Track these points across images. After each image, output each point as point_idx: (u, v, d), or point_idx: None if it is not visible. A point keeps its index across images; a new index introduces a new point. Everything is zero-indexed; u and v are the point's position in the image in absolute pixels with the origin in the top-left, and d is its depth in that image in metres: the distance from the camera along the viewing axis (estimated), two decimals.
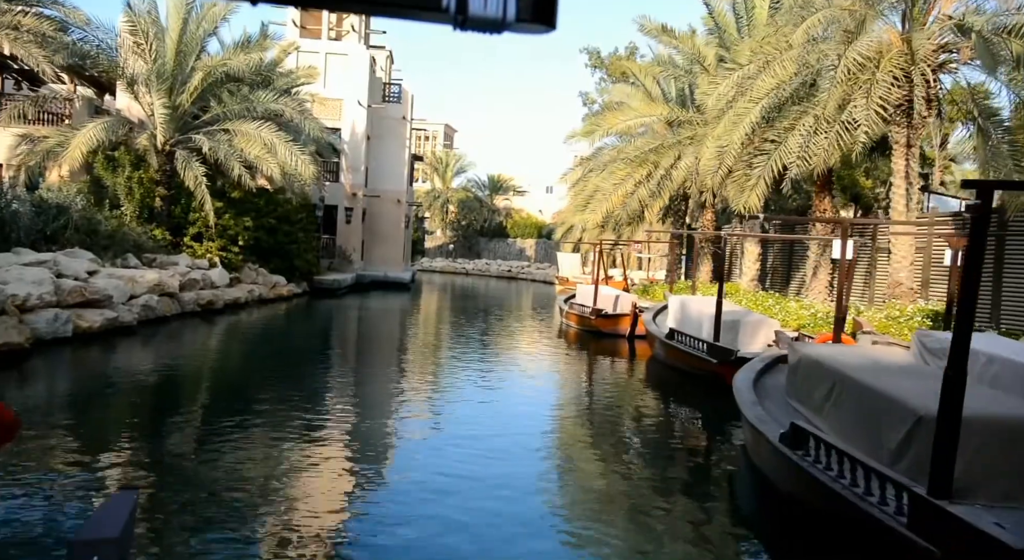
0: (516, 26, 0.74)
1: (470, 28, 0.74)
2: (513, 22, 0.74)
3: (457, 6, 0.72)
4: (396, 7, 0.74)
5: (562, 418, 10.54)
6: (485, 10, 0.72)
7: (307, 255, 28.11)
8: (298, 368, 13.14)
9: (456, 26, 0.73)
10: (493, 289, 46.12)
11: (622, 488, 7.25)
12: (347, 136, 33.93)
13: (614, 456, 8.46)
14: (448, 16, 0.72)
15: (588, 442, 9.11)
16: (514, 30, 0.75)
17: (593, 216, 19.99)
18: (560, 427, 10.00)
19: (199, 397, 10.62)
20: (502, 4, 0.73)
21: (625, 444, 9.28)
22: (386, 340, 18.82)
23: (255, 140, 21.19)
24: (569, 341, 19.87)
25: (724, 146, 14.70)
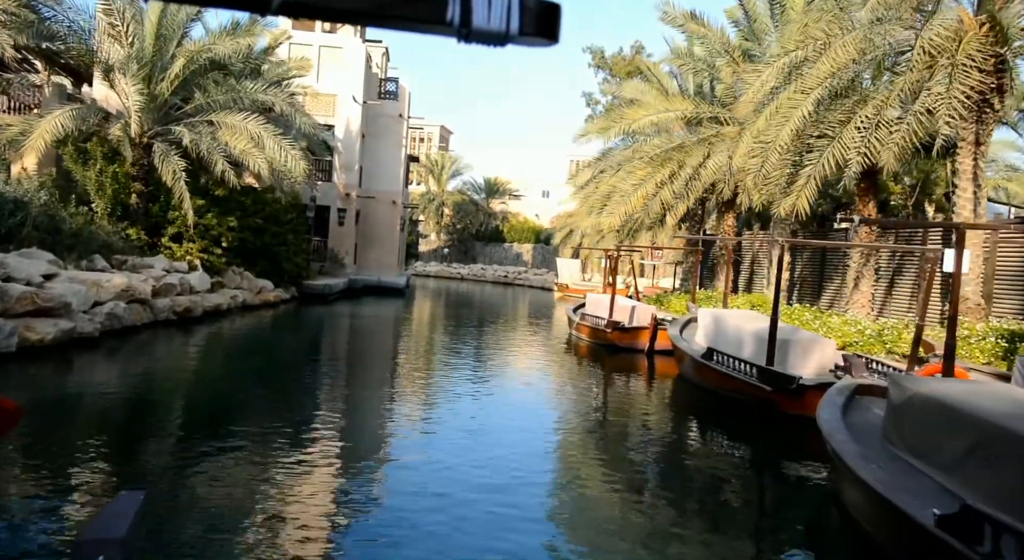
0: (519, 39, 0.75)
1: (474, 41, 0.75)
2: (516, 35, 0.74)
3: (461, 20, 0.72)
4: (401, 20, 0.73)
5: (583, 450, 8.88)
6: (489, 24, 0.72)
7: (296, 258, 26.38)
8: (282, 389, 11.43)
9: (460, 39, 0.74)
10: (490, 295, 44.50)
11: (676, 552, 5.59)
12: (341, 133, 32.25)
13: (655, 504, 6.80)
14: (452, 29, 0.72)
15: (618, 482, 7.45)
16: (517, 43, 0.76)
17: (611, 219, 18.38)
18: (581, 462, 8.34)
19: (162, 423, 8.90)
20: (505, 18, 0.73)
21: (665, 486, 7.62)
22: (380, 355, 17.11)
23: (241, 133, 19.47)
24: (580, 355, 18.22)
25: (767, 142, 13.08)
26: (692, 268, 24.66)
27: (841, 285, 17.36)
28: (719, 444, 9.99)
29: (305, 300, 25.92)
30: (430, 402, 11.15)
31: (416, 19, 0.72)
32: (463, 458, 7.86)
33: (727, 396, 11.47)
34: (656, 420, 11.34)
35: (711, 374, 11.74)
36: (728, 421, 10.88)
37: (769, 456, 9.18)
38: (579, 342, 19.42)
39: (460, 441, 8.68)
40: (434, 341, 19.69)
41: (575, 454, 8.78)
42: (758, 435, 10.12)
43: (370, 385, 12.73)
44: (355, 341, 19.19)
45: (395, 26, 0.74)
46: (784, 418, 10.00)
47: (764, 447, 9.53)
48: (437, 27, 0.73)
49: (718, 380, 11.59)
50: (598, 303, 19.92)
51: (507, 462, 7.81)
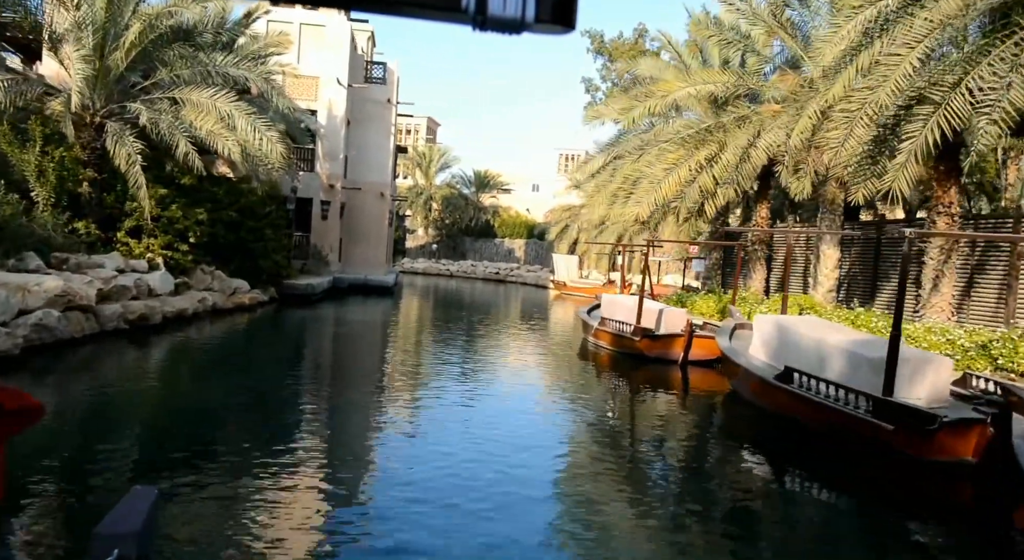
0: (535, 27, 0.74)
1: (489, 29, 0.73)
2: (532, 23, 0.73)
3: (476, 7, 0.71)
4: (415, 7, 0.72)
5: (633, 504, 6.49)
6: (504, 11, 0.71)
7: (276, 255, 23.80)
8: (255, 422, 8.95)
9: (475, 27, 0.72)
10: (482, 294, 42.08)
11: None
12: (324, 119, 29.64)
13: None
14: (467, 17, 0.71)
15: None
16: (533, 31, 0.74)
17: (638, 209, 16.01)
18: (633, 524, 5.94)
19: (96, 470, 6.40)
20: (521, 5, 0.72)
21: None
22: (371, 372, 14.62)
23: (208, 112, 16.89)
24: (600, 366, 15.85)
25: (851, 111, 10.69)
26: (715, 265, 22.34)
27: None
28: (827, 503, 7.62)
29: (285, 301, 23.36)
30: (433, 434, 8.71)
31: (431, 6, 0.71)
32: (471, 527, 5.45)
33: (806, 425, 9.13)
34: (724, 458, 8.96)
35: (789, 400, 9.38)
36: (823, 464, 8.53)
37: (918, 528, 6.83)
38: (597, 350, 17.03)
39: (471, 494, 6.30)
40: (431, 352, 17.24)
41: (621, 508, 6.39)
42: (879, 487, 7.77)
43: (360, 410, 10.28)
44: (342, 353, 16.69)
45: (410, 14, 0.72)
46: (902, 462, 7.66)
47: (901, 509, 7.18)
48: (452, 14, 0.71)
49: (800, 408, 9.23)
50: (617, 305, 17.55)
51: (534, 522, 5.43)
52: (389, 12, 0.73)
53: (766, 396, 10.19)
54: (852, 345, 9.33)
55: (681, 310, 16.38)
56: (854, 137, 10.85)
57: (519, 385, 13.20)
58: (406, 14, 0.73)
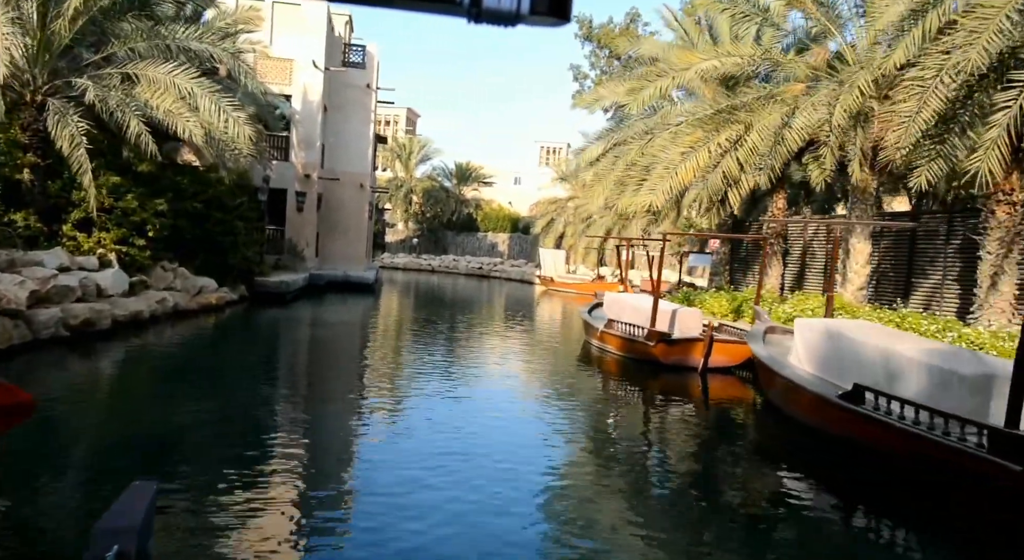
0: (530, 19, 0.73)
1: (484, 21, 0.72)
2: (527, 15, 0.72)
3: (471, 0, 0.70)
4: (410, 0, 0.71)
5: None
6: (499, 3, 0.70)
7: (246, 250, 21.93)
8: (207, 454, 7.19)
9: (470, 19, 0.72)
10: (466, 290, 40.38)
11: None
12: (299, 105, 27.69)
13: None
14: (463, 9, 0.70)
15: None
16: (528, 23, 0.74)
17: (651, 197, 14.33)
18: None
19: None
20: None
21: None
22: (349, 383, 12.86)
23: (167, 89, 15.00)
24: (608, 374, 14.25)
25: (929, 78, 9.04)
26: (723, 261, 20.79)
27: (941, 282, 13.64)
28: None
29: (257, 301, 21.49)
30: (420, 462, 7.03)
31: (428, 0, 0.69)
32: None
33: (887, 455, 7.57)
34: (784, 492, 7.36)
35: (857, 423, 7.78)
36: (922, 508, 6.95)
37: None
38: (603, 355, 15.41)
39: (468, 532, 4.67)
40: (418, 360, 15.51)
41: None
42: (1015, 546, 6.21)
43: (340, 436, 8.55)
44: (318, 363, 14.90)
45: (405, 6, 0.71)
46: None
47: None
48: (447, 7, 0.70)
49: (873, 433, 7.65)
50: (623, 305, 15.94)
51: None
52: (386, 5, 0.71)
53: (823, 415, 8.60)
54: (936, 358, 7.76)
55: (695, 311, 14.80)
56: (928, 109, 9.26)
57: (518, 398, 11.53)
58: (403, 7, 0.71)
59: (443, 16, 0.73)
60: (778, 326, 12.61)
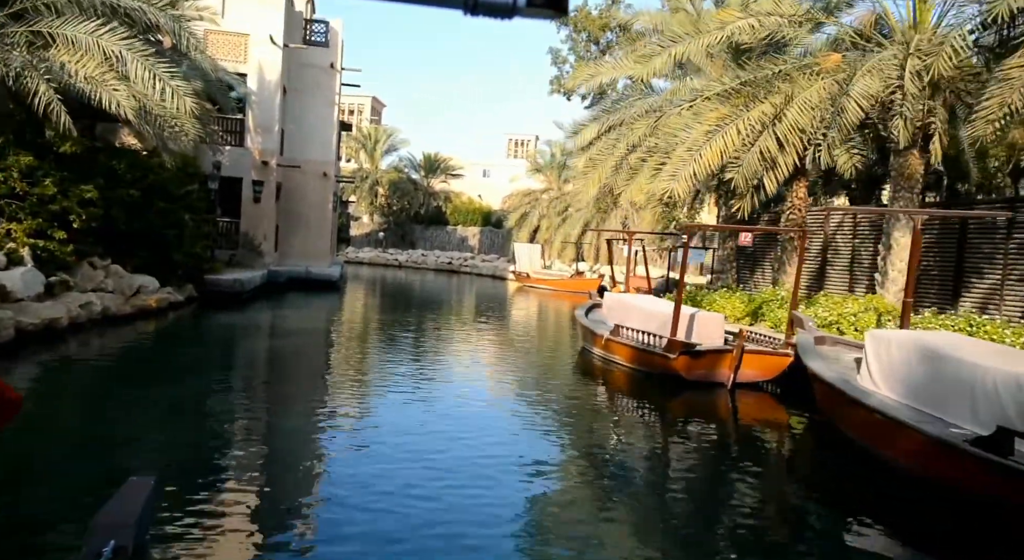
0: (527, 11, 0.72)
1: (481, 14, 0.72)
2: (524, 7, 0.71)
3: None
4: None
5: None
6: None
7: (195, 245, 19.42)
8: None
9: (467, 12, 0.71)
10: (436, 287, 38.15)
11: None
12: (255, 85, 25.11)
13: None
14: (460, 2, 0.69)
15: None
16: (524, 16, 0.73)
17: (671, 185, 12.21)
18: None
19: None
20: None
21: None
22: (313, 416, 10.58)
23: (89, 52, 12.49)
24: (614, 389, 12.23)
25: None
26: (729, 257, 18.86)
27: (1001, 282, 11.83)
28: None
29: (208, 302, 19.00)
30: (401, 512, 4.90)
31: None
32: None
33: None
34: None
35: (1013, 486, 5.78)
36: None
37: None
38: (608, 367, 13.35)
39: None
40: (393, 375, 13.27)
41: None
42: None
43: (304, 493, 6.35)
44: (276, 384, 12.56)
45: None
46: None
47: None
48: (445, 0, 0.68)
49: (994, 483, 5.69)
50: (629, 308, 13.90)
51: None
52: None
53: (944, 466, 6.58)
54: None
55: (717, 315, 12.82)
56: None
57: (514, 427, 9.39)
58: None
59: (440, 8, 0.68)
60: (827, 336, 10.67)
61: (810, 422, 10.33)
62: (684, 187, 12.48)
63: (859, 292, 14.83)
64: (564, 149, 47.75)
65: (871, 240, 15.06)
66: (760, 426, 10.47)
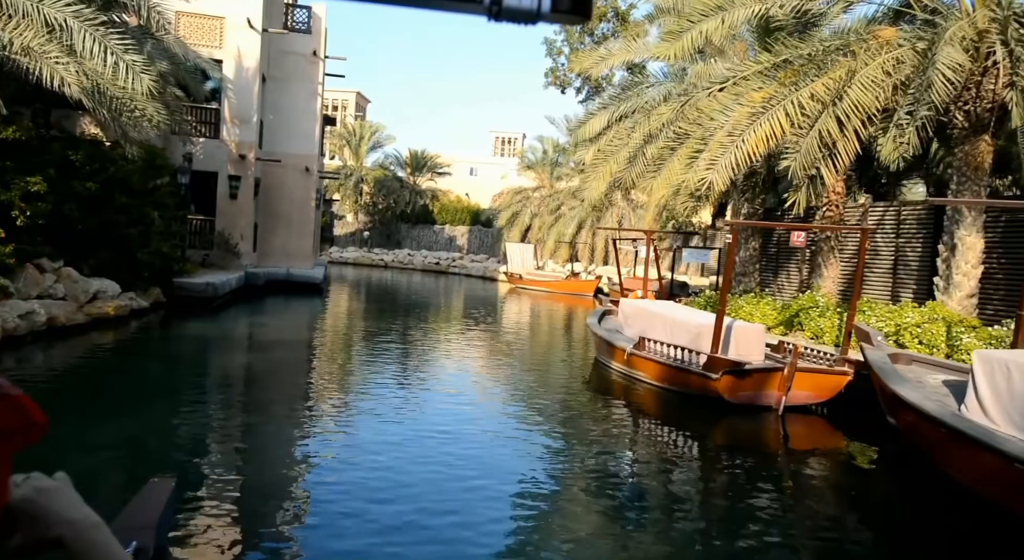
0: (551, 17, 0.72)
1: (504, 19, 0.72)
2: (548, 13, 0.71)
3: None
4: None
5: None
6: (520, 1, 0.69)
7: (163, 244, 17.58)
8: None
9: (491, 18, 0.71)
10: (425, 288, 36.41)
11: None
12: (231, 72, 23.25)
13: None
14: (483, 7, 0.70)
15: None
16: (548, 21, 0.73)
17: (711, 175, 10.50)
18: None
19: None
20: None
21: None
22: (295, 446, 8.84)
23: (28, 19, 10.64)
24: (641, 412, 10.60)
25: None
26: (752, 258, 17.23)
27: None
28: None
29: (177, 308, 17.16)
30: None
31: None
32: None
33: None
34: None
35: None
36: None
37: None
38: (631, 384, 11.70)
39: None
40: (384, 394, 11.56)
41: None
42: None
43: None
44: (250, 410, 10.79)
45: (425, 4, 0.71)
46: None
47: None
48: (467, 5, 0.70)
49: None
50: (649, 317, 12.26)
51: None
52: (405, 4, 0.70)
53: None
54: None
55: (756, 326, 11.20)
56: None
57: (525, 457, 7.71)
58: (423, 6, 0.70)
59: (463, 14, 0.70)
60: (903, 353, 9.06)
61: (883, 456, 8.75)
62: (723, 178, 10.81)
63: (905, 298, 13.25)
64: (557, 145, 46.20)
65: (919, 239, 13.50)
66: (821, 459, 8.86)
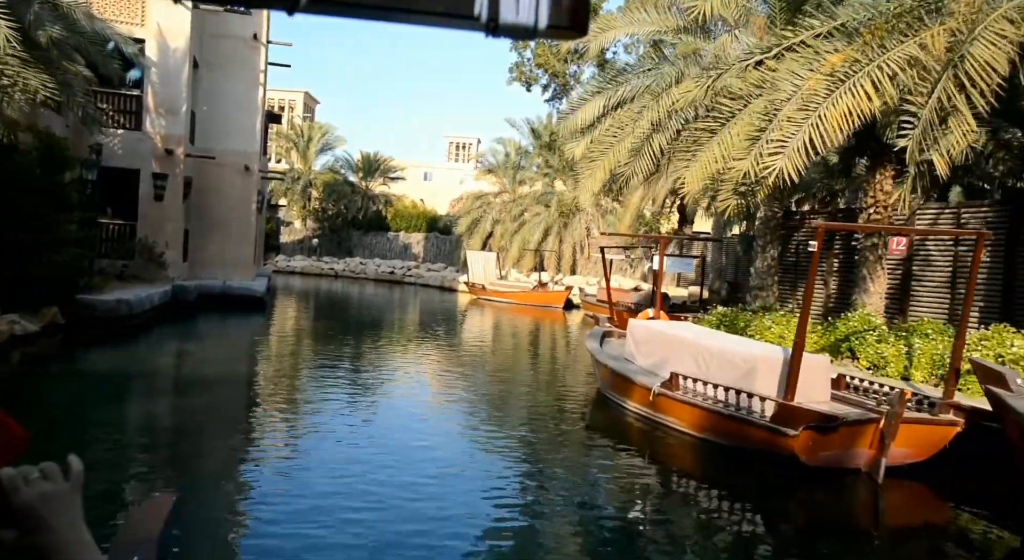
0: (548, 33, 0.73)
1: (501, 35, 0.73)
2: (545, 29, 0.72)
3: (488, 13, 0.71)
4: (427, 15, 0.72)
5: None
6: (517, 17, 0.71)
7: (65, 253, 14.45)
8: None
9: (488, 33, 0.72)
10: (379, 300, 33.54)
11: None
12: (155, 54, 20.09)
13: None
14: (480, 24, 0.71)
15: None
16: (545, 37, 0.74)
17: (780, 162, 8.03)
18: None
19: None
20: (534, 11, 0.71)
21: None
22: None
23: None
24: (677, 473, 8.07)
25: None
26: (770, 270, 14.84)
27: None
28: None
29: (79, 331, 13.99)
30: None
31: (443, 13, 0.71)
32: None
33: None
34: None
35: None
36: None
37: None
38: (657, 432, 9.12)
39: None
40: (339, 452, 8.76)
41: None
42: None
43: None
44: (165, 481, 7.89)
45: (421, 21, 0.72)
46: None
47: None
48: (464, 21, 0.71)
49: None
50: (672, 344, 9.74)
51: None
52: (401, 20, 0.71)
53: None
54: None
55: (819, 359, 8.78)
56: None
57: (533, 542, 5.09)
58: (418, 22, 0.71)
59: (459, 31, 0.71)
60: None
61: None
62: (797, 164, 8.32)
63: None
64: (519, 148, 43.75)
65: (987, 247, 11.30)
66: (938, 543, 6.43)
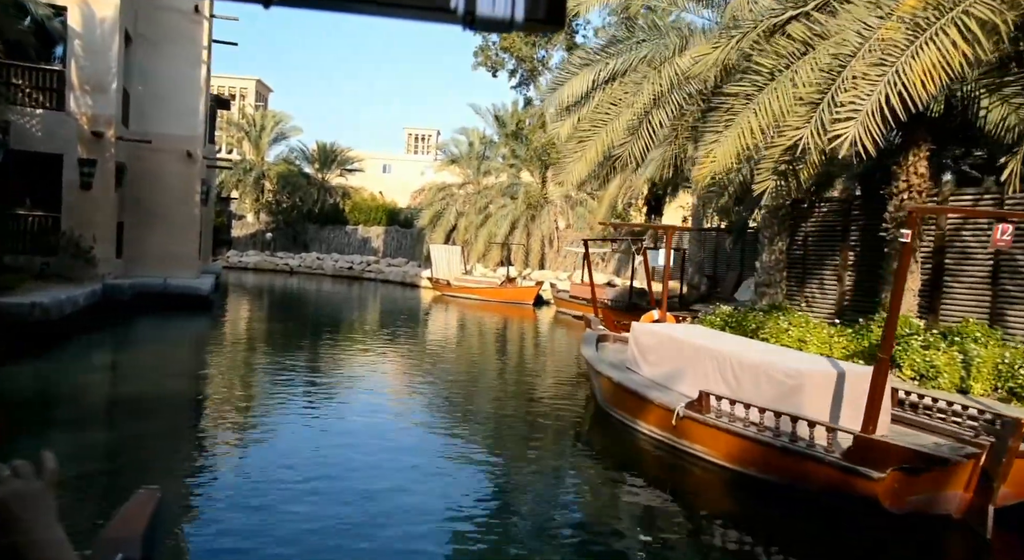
0: (525, 25, 0.73)
1: (478, 28, 0.73)
2: (522, 22, 0.72)
3: (465, 6, 0.71)
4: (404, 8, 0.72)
5: None
6: (493, 10, 0.71)
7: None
8: None
9: (465, 26, 0.72)
10: (338, 298, 31.59)
11: None
12: (79, 24, 17.80)
13: None
14: (456, 17, 0.71)
15: None
16: (522, 30, 0.74)
17: (852, 128, 6.46)
18: None
19: None
20: (510, 4, 0.72)
21: None
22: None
23: None
24: (707, 511, 6.47)
25: None
26: (778, 264, 13.38)
27: None
28: None
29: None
30: None
31: (420, 7, 0.70)
32: None
33: None
34: None
35: None
36: None
37: None
38: (683, 462, 7.53)
39: None
40: (301, 486, 6.97)
41: None
42: None
43: None
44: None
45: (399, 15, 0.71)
46: None
47: None
48: (440, 15, 0.70)
49: None
50: (686, 351, 8.19)
51: None
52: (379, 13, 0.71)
53: None
54: None
55: (869, 370, 7.23)
56: None
57: None
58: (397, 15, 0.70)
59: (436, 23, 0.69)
60: None
61: None
62: (873, 130, 6.76)
63: (1015, 319, 9.67)
64: (483, 137, 41.95)
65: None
66: None
